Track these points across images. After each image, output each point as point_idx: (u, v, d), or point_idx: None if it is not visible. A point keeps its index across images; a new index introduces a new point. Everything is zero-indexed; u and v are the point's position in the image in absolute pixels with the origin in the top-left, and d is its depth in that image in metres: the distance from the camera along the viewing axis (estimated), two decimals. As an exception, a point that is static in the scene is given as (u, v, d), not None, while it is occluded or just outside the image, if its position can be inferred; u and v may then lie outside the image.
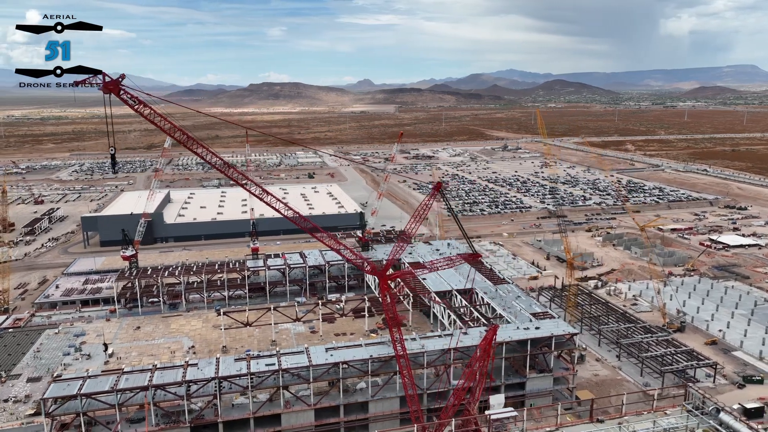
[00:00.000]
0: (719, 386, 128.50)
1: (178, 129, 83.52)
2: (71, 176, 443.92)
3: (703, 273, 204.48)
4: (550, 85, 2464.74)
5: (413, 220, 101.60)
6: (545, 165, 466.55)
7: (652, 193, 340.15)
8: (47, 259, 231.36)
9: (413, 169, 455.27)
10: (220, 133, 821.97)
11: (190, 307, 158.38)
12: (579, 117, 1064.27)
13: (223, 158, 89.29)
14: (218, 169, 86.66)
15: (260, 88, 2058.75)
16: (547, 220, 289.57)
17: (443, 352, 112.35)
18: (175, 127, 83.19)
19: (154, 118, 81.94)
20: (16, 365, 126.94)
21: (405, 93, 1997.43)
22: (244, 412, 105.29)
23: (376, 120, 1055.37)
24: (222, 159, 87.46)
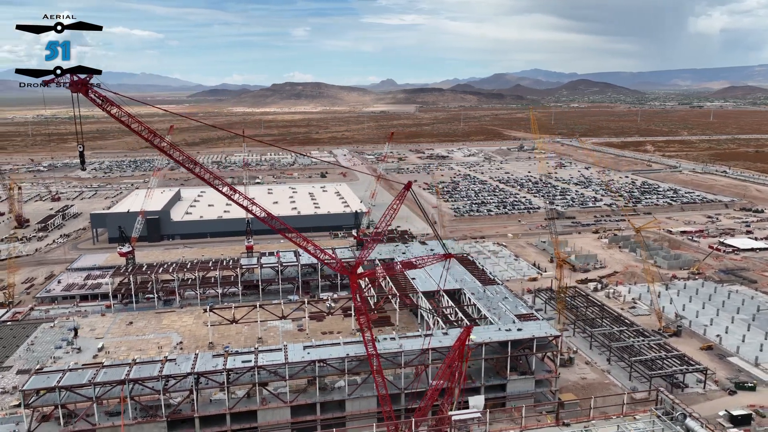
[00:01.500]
0: (709, 392, 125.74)
1: (145, 127, 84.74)
2: (89, 174, 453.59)
3: (709, 276, 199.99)
4: (574, 85, 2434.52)
5: (383, 220, 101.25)
6: (559, 166, 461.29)
7: (666, 195, 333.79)
8: (56, 255, 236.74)
9: (425, 169, 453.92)
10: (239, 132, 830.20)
11: (184, 303, 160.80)
12: (601, 117, 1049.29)
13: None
14: (184, 166, 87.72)
15: (283, 88, 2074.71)
16: (554, 221, 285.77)
17: (421, 352, 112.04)
18: (142, 125, 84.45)
19: (122, 117, 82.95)
20: (9, 357, 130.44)
21: (426, 93, 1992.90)
22: (220, 407, 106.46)
23: (395, 120, 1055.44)
24: (190, 157, 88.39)
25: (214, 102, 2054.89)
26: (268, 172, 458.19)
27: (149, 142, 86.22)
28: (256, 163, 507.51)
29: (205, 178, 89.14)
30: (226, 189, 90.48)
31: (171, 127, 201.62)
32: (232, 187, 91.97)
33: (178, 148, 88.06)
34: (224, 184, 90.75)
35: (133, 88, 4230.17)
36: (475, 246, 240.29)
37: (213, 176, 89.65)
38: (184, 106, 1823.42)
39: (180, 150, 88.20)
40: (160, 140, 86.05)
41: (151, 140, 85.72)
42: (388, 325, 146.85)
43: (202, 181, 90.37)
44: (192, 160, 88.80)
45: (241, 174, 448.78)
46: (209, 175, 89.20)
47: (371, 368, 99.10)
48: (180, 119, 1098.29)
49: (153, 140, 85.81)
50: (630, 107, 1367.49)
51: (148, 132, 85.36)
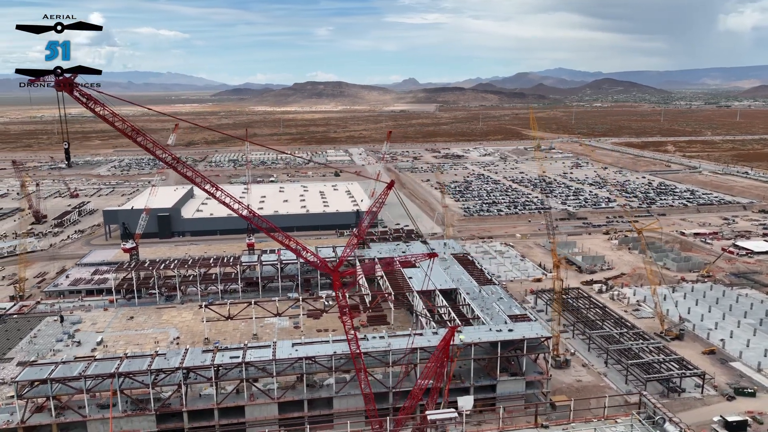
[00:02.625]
0: (707, 397, 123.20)
1: (129, 126, 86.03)
2: (109, 171, 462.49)
3: (719, 280, 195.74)
4: (598, 84, 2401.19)
5: (365, 217, 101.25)
6: (575, 166, 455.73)
7: (683, 196, 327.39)
8: (70, 250, 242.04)
9: (440, 169, 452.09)
10: (258, 131, 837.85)
11: (185, 299, 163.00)
12: (623, 117, 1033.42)
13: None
14: (167, 163, 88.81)
15: (304, 87, 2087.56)
16: (565, 221, 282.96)
17: (410, 351, 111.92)
18: (126, 123, 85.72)
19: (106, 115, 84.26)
20: (11, 349, 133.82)
21: (447, 92, 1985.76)
22: (208, 402, 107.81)
23: (414, 119, 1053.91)
24: (174, 156, 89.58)
25: (237, 101, 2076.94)
26: (283, 171, 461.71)
27: (133, 140, 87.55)
28: (272, 161, 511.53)
29: (188, 176, 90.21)
30: (209, 186, 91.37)
31: (176, 126, 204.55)
32: (215, 185, 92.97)
33: (161, 146, 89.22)
34: (207, 181, 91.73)
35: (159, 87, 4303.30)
36: (482, 246, 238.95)
37: (196, 174, 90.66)
38: (207, 105, 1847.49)
39: (163, 148, 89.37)
40: (144, 138, 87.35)
41: (135, 138, 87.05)
42: (384, 323, 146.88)
43: (185, 178, 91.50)
44: (176, 158, 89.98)
45: (255, 172, 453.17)
46: (192, 172, 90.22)
47: (355, 366, 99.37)
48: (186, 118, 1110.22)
49: (136, 138, 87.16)
50: (654, 107, 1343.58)
51: (131, 130, 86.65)
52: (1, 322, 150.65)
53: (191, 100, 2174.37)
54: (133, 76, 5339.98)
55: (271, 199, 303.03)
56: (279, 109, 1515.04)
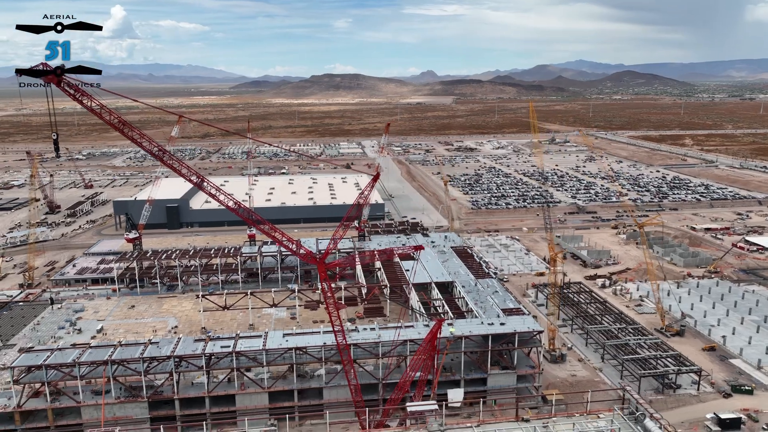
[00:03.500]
0: (702, 394, 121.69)
1: (116, 117, 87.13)
2: (124, 163, 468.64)
3: (726, 276, 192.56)
4: (618, 77, 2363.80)
5: (352, 209, 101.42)
6: (590, 159, 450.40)
7: (696, 191, 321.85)
8: (81, 240, 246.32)
9: (451, 161, 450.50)
10: (273, 123, 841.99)
11: (187, 289, 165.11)
12: (642, 110, 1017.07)
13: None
14: (153, 155, 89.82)
15: (321, 79, 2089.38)
16: (573, 215, 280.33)
17: (400, 343, 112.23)
18: (113, 115, 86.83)
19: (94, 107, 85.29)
20: (14, 336, 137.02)
21: (464, 84, 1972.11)
22: (200, 390, 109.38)
23: (430, 112, 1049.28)
24: (160, 147, 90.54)
25: (255, 93, 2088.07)
26: (295, 163, 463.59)
27: (120, 131, 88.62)
28: (284, 153, 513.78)
29: (174, 167, 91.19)
30: (195, 178, 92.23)
31: (179, 118, 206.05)
32: (202, 177, 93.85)
33: (147, 137, 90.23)
34: (193, 173, 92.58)
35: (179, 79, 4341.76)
36: (487, 239, 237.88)
37: (182, 165, 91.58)
38: (225, 97, 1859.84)
39: (150, 139, 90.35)
40: (130, 129, 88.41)
41: (122, 129, 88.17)
42: (381, 315, 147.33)
43: (171, 170, 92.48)
44: (162, 149, 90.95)
45: (267, 164, 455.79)
46: (178, 164, 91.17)
47: (341, 357, 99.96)
48: (240, 110, 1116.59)
49: (123, 129, 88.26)
50: (675, 99, 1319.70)
51: (118, 122, 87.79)
52: (6, 309, 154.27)
53: (210, 92, 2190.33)
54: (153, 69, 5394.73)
55: (280, 191, 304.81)
56: (296, 101, 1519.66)
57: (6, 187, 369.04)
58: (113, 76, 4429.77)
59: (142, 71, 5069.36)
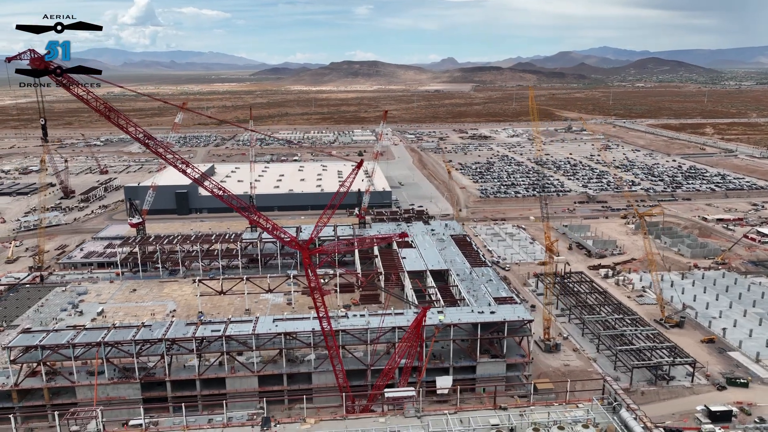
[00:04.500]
0: (696, 386, 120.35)
1: (103, 104, 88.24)
2: (140, 149, 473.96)
3: (734, 267, 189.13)
4: (642, 63, 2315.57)
5: (335, 196, 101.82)
6: (605, 147, 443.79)
7: (712, 180, 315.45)
8: (92, 225, 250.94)
9: (464, 149, 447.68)
10: (290, 110, 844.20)
11: (188, 274, 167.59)
12: (665, 97, 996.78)
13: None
14: (139, 141, 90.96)
15: (340, 66, 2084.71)
16: (583, 205, 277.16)
17: (389, 329, 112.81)
18: (100, 101, 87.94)
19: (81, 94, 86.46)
20: (18, 317, 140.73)
21: (484, 71, 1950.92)
22: (191, 373, 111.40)
23: (447, 99, 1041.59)
24: (146, 133, 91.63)
25: (274, 80, 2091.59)
26: (308, 150, 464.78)
27: (107, 117, 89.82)
28: (298, 140, 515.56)
29: (159, 152, 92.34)
30: (180, 163, 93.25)
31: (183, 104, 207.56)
32: (186, 162, 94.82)
33: (134, 124, 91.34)
34: (178, 158, 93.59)
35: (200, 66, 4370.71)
36: (492, 228, 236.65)
37: (167, 151, 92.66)
38: (245, 84, 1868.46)
39: (137, 126, 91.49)
40: (116, 116, 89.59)
41: (108, 116, 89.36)
42: (377, 302, 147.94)
43: (157, 155, 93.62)
44: (148, 135, 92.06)
45: (280, 151, 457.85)
46: (163, 149, 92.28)
47: (326, 342, 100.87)
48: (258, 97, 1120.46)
49: (110, 116, 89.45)
50: (700, 87, 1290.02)
51: (105, 108, 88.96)
52: (14, 291, 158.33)
53: (230, 79, 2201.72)
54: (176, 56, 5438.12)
55: (289, 178, 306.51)
56: (314, 89, 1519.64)
57: (25, 172, 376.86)
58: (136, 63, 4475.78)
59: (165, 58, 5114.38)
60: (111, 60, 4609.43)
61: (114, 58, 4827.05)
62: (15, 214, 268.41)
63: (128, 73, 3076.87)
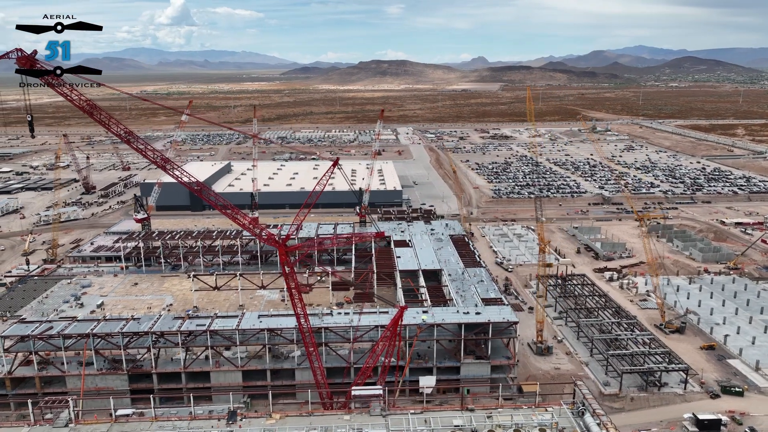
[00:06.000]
0: (689, 394, 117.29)
1: (86, 101, 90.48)
2: (164, 146, 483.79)
3: (747, 272, 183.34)
4: (678, 63, 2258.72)
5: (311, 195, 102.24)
6: (628, 149, 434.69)
7: (735, 183, 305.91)
8: (108, 219, 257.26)
9: (483, 149, 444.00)
10: (315, 109, 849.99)
11: (190, 269, 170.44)
12: (698, 97, 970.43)
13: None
14: (120, 137, 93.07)
15: (369, 65, 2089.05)
16: (598, 206, 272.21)
17: (372, 327, 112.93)
18: (82, 98, 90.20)
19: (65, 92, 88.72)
20: (22, 307, 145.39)
21: (513, 71, 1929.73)
22: (177, 366, 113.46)
23: (473, 99, 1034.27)
24: (127, 130, 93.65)
25: (304, 79, 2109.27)
26: (327, 149, 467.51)
27: (90, 115, 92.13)
28: (319, 139, 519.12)
29: (139, 149, 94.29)
30: (159, 159, 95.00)
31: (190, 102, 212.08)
32: (166, 158, 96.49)
33: (116, 121, 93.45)
34: (159, 155, 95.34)
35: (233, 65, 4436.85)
36: (501, 228, 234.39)
37: (147, 148, 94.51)
38: (274, 84, 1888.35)
39: (118, 123, 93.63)
40: (98, 113, 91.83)
41: (90, 113, 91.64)
42: (370, 301, 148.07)
43: (138, 152, 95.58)
44: (129, 132, 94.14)
45: (301, 150, 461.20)
46: (143, 146, 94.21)
47: (303, 340, 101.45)
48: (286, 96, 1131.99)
49: (92, 113, 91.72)
50: (737, 87, 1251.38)
51: (87, 105, 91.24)
52: (22, 282, 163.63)
53: (260, 79, 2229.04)
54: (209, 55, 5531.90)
55: (303, 176, 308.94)
56: (342, 88, 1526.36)
57: (52, 168, 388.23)
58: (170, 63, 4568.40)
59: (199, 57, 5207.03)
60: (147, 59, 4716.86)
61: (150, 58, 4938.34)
62: (38, 209, 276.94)
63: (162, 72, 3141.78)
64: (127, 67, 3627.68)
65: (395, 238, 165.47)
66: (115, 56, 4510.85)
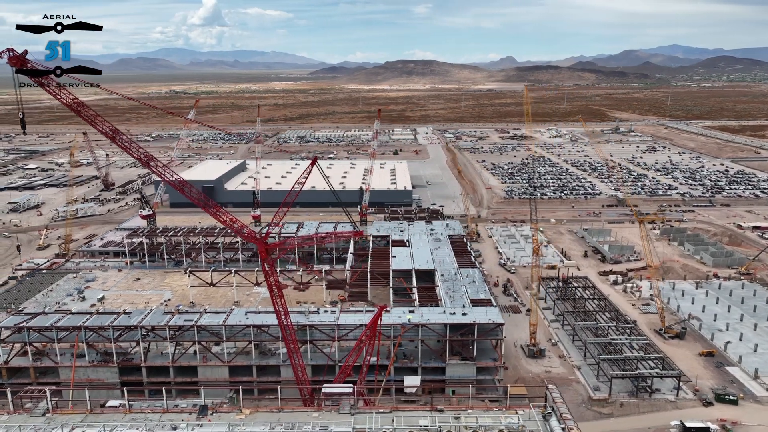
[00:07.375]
0: (681, 401, 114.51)
1: (74, 100, 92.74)
2: (185, 144, 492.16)
3: (759, 278, 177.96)
4: (713, 62, 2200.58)
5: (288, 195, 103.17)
6: (650, 150, 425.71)
7: (758, 186, 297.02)
8: (123, 216, 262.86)
9: (501, 150, 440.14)
10: (337, 108, 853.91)
11: (192, 265, 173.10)
12: (730, 98, 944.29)
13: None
14: (106, 135, 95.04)
15: (395, 65, 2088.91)
16: (612, 208, 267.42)
17: (357, 326, 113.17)
18: (71, 97, 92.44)
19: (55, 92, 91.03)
20: (27, 300, 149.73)
21: (540, 70, 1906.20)
22: (166, 360, 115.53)
23: (497, 99, 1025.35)
24: (112, 127, 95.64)
25: (330, 79, 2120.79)
26: (345, 148, 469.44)
27: (76, 112, 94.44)
28: (338, 138, 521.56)
29: (125, 146, 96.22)
30: (144, 157, 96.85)
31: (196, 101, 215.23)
32: (150, 156, 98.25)
33: (101, 119, 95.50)
34: (143, 152, 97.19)
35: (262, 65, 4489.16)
36: (509, 229, 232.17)
37: (132, 146, 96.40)
38: (300, 83, 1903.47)
39: (104, 120, 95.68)
40: (86, 110, 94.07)
41: (78, 111, 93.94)
42: (364, 299, 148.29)
43: (122, 149, 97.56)
44: (114, 130, 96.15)
45: (318, 149, 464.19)
46: (128, 143, 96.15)
47: (284, 337, 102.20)
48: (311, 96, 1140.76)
49: (80, 111, 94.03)
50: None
51: (74, 103, 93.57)
52: (31, 276, 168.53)
53: (288, 78, 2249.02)
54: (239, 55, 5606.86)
55: (315, 175, 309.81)
56: (367, 87, 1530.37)
57: (76, 165, 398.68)
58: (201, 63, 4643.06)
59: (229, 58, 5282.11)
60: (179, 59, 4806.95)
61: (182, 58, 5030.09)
62: (58, 204, 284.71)
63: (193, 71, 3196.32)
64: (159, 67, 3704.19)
65: (394, 237, 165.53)
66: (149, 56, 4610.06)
